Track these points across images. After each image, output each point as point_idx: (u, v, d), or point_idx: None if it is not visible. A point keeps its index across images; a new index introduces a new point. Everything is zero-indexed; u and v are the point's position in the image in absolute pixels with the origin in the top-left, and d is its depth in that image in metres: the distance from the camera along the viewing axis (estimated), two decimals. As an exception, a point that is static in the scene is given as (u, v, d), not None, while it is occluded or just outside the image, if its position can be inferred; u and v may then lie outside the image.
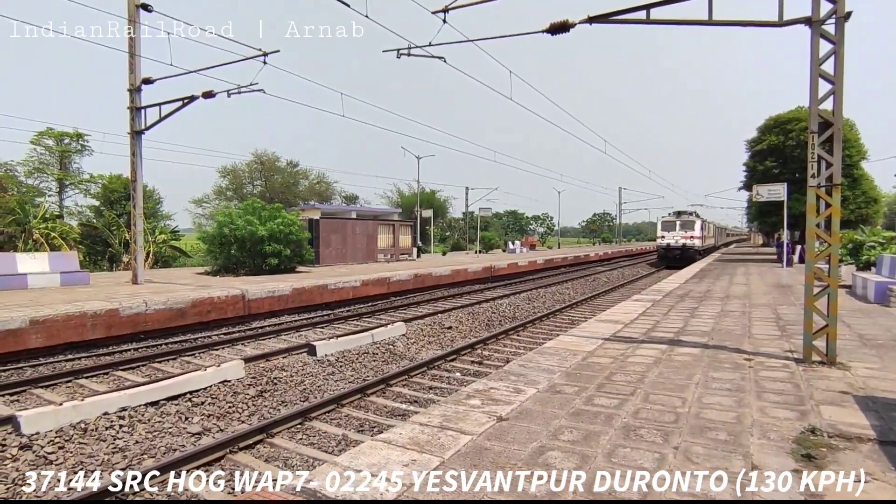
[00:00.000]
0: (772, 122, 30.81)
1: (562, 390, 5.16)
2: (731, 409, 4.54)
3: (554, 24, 7.50)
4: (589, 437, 3.91)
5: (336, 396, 7.28)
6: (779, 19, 6.19)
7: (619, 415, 4.42)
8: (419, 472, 3.33)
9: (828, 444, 3.78)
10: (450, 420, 4.29)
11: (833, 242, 6.18)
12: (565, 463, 3.46)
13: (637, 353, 6.85)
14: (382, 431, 4.17)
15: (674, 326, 8.91)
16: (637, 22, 6.89)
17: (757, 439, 3.87)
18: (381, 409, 7.23)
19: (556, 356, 6.64)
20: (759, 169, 30.09)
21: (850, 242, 18.89)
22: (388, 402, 7.51)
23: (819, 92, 6.11)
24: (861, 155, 28.92)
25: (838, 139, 6.06)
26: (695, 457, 3.55)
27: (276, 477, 5.08)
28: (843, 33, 5.91)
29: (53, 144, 37.33)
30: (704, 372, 5.82)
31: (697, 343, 7.44)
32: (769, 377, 5.60)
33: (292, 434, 6.28)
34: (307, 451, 5.75)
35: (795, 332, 8.02)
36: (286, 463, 5.49)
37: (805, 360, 6.22)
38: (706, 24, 6.57)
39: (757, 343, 7.44)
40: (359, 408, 7.29)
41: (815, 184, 6.17)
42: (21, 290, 13.77)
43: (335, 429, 6.41)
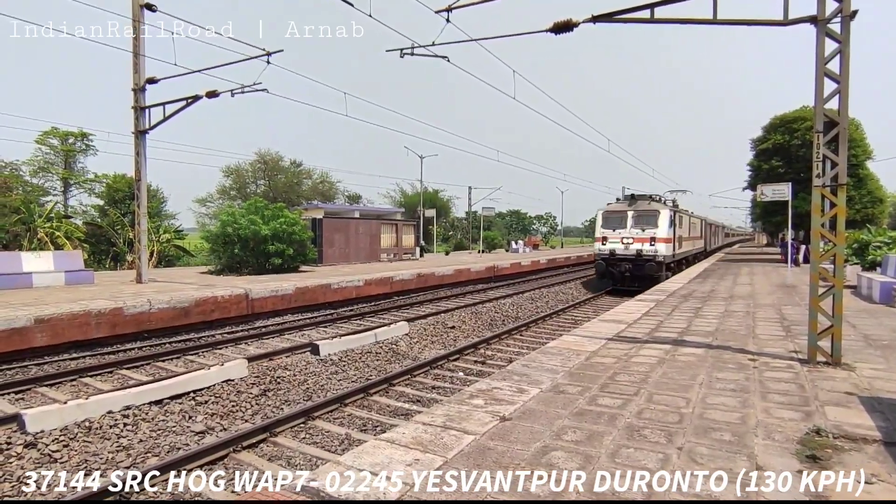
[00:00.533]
0: (777, 122, 30.65)
1: (565, 390, 5.15)
2: (735, 410, 4.52)
3: (557, 23, 7.48)
4: (592, 438, 3.90)
5: (339, 396, 7.29)
6: (784, 18, 6.15)
7: (623, 415, 4.41)
8: (422, 471, 3.33)
9: (833, 445, 3.76)
10: (453, 420, 4.28)
11: (838, 242, 6.14)
12: (568, 463, 3.45)
13: (641, 353, 6.83)
14: (385, 431, 4.17)
15: (677, 326, 8.88)
16: (641, 21, 6.86)
17: (761, 440, 3.85)
18: (384, 409, 7.23)
19: (560, 356, 6.62)
20: (763, 168, 29.92)
21: (856, 242, 18.80)
22: (391, 401, 7.51)
23: (825, 91, 6.07)
24: (867, 154, 28.73)
25: (844, 138, 6.02)
26: (699, 457, 3.53)
27: (278, 476, 5.09)
28: (848, 32, 5.87)
29: (58, 144, 37.54)
30: (708, 372, 5.79)
31: (701, 343, 7.41)
32: (774, 378, 5.57)
33: (295, 433, 6.29)
34: (310, 450, 5.76)
35: (800, 333, 7.99)
36: (289, 462, 5.50)
37: (810, 361, 6.19)
38: (711, 24, 6.54)
39: (761, 343, 7.41)
40: (362, 407, 7.29)
41: (820, 183, 6.13)
42: (26, 288, 13.83)
43: (338, 428, 6.42)
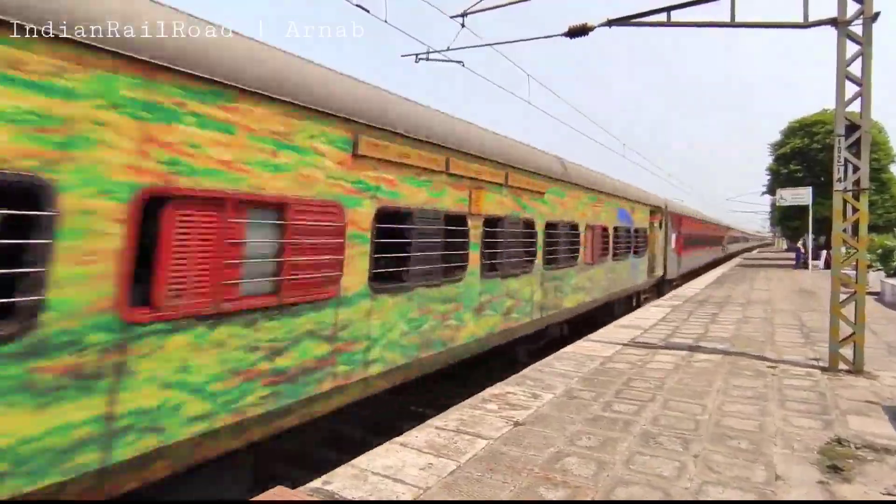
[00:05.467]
0: (796, 125, 30.17)
1: (579, 396, 5.11)
2: (752, 418, 4.45)
3: (573, 27, 7.48)
4: (606, 444, 3.87)
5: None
6: (804, 20, 6.08)
7: (638, 421, 4.37)
8: (435, 475, 3.33)
9: (854, 455, 3.68)
10: (466, 424, 4.29)
11: (860, 248, 6.03)
12: (582, 469, 3.43)
13: (656, 358, 6.76)
14: (399, 434, 4.18)
15: (694, 332, 8.77)
16: (657, 24, 6.83)
17: (780, 449, 3.79)
18: (397, 412, 7.25)
19: (574, 361, 6.58)
20: (782, 173, 29.48)
21: (880, 248, 18.38)
22: (405, 404, 7.52)
23: (846, 94, 5.98)
24: (889, 158, 28.16)
25: (866, 142, 5.92)
26: (715, 466, 3.49)
27: (294, 477, 5.12)
28: (870, 34, 5.78)
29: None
30: (725, 379, 5.71)
31: (718, 349, 7.31)
32: (793, 385, 5.48)
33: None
34: (324, 452, 5.79)
35: (820, 340, 7.83)
36: (304, 463, 5.54)
37: (830, 369, 6.07)
38: (729, 27, 6.48)
39: (780, 350, 7.29)
40: (375, 410, 7.31)
41: (841, 188, 6.03)
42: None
43: (352, 430, 6.44)
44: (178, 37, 3.12)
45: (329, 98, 4.17)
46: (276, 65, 3.82)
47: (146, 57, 2.88)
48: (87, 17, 2.65)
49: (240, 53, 3.52)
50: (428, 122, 5.50)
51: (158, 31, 3.01)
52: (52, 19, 2.49)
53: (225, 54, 3.38)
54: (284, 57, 4.00)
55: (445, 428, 4.20)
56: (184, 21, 3.23)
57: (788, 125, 30.92)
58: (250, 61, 3.56)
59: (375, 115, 4.65)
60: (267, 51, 3.84)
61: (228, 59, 3.38)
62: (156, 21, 3.03)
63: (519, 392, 5.21)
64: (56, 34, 2.50)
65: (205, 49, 3.25)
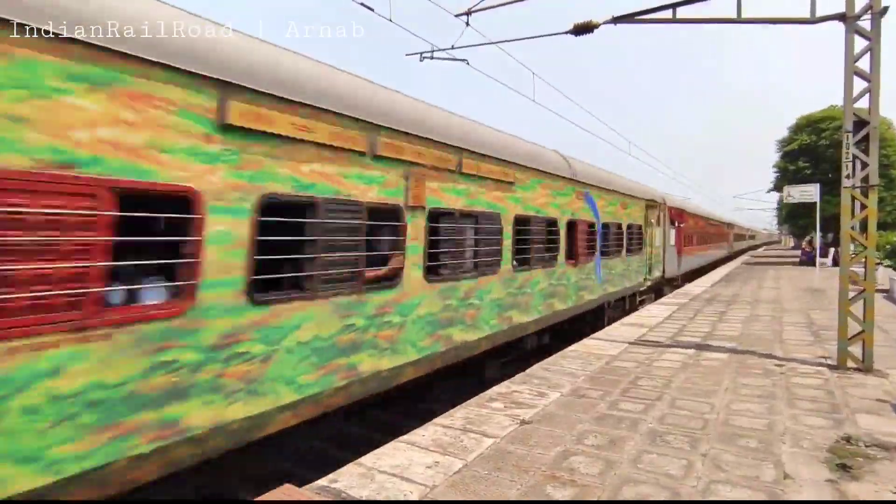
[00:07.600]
0: (804, 122, 29.90)
1: (586, 394, 5.10)
2: (761, 416, 4.42)
3: (578, 24, 7.44)
4: (614, 443, 3.86)
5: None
6: (811, 16, 6.02)
7: (645, 420, 4.35)
8: (442, 474, 3.34)
9: (864, 454, 3.65)
10: (472, 423, 4.29)
11: (869, 245, 5.98)
12: (589, 468, 3.42)
13: (663, 357, 6.73)
14: (405, 433, 4.19)
15: (701, 330, 8.72)
16: (663, 21, 6.79)
17: (789, 447, 3.76)
18: (403, 410, 7.25)
19: (580, 359, 6.57)
20: (790, 170, 29.22)
21: (889, 245, 18.20)
22: (411, 403, 7.52)
23: (854, 90, 5.92)
24: (898, 154, 27.84)
25: (875, 138, 5.86)
26: (724, 465, 3.47)
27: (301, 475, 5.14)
28: (879, 29, 5.72)
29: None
30: (733, 378, 5.68)
31: (726, 348, 7.27)
32: (802, 384, 5.44)
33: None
34: (331, 450, 5.81)
35: (829, 338, 7.77)
36: (311, 462, 5.56)
37: (839, 367, 6.02)
38: (735, 23, 6.44)
39: (788, 348, 7.24)
40: (381, 408, 7.33)
41: (849, 184, 5.98)
42: None
43: (358, 429, 6.46)
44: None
45: (187, 49, 3.11)
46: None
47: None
48: None
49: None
50: (342, 88, 4.31)
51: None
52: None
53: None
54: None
55: (451, 426, 4.20)
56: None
57: (796, 122, 30.65)
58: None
59: (256, 71, 3.52)
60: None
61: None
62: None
63: (525, 391, 5.20)
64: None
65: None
